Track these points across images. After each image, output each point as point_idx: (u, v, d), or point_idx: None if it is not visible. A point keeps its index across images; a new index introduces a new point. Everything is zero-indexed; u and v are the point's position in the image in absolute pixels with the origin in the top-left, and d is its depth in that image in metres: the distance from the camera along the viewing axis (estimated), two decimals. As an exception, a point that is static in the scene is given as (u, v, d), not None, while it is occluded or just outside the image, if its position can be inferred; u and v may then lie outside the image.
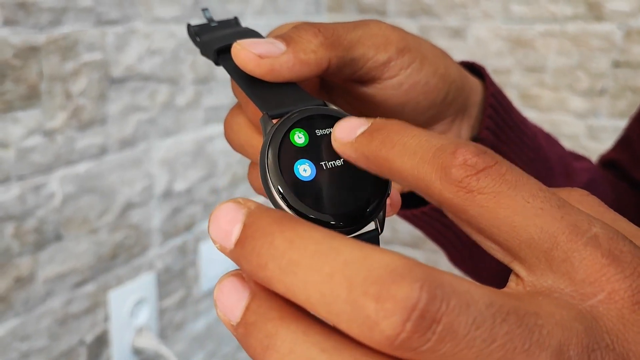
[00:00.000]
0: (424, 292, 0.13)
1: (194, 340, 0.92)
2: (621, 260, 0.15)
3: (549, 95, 0.99)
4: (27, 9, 0.59)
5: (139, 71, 0.73)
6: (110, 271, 0.74)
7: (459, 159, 0.16)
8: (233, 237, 0.16)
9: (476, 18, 1.01)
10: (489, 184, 0.16)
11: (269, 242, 0.15)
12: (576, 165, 0.41)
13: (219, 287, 0.16)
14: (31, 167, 0.62)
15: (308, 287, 0.14)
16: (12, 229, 0.61)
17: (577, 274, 0.15)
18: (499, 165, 0.16)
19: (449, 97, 0.30)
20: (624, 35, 0.92)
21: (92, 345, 0.73)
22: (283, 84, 0.24)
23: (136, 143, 0.74)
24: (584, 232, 0.15)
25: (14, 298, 0.62)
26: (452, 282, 0.14)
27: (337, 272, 0.14)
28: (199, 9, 0.81)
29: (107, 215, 0.72)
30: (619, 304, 0.14)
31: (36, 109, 0.61)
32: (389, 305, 0.13)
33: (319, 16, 1.11)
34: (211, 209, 0.90)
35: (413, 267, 0.13)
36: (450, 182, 0.16)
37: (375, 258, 0.14)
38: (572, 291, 0.15)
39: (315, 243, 0.14)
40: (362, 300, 0.13)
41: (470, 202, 0.16)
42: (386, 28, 0.28)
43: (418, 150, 0.17)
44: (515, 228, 0.15)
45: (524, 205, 0.15)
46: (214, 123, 0.87)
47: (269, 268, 0.15)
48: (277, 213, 0.16)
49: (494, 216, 0.16)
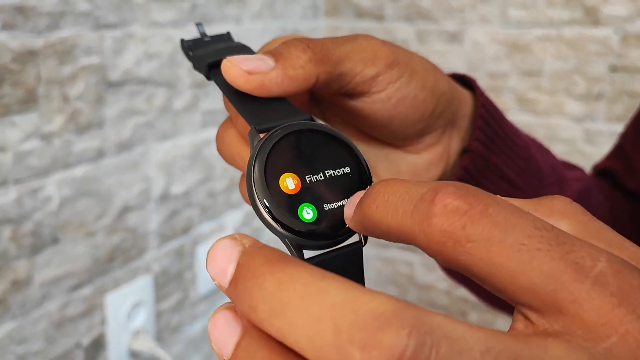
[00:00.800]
0: (412, 339, 0.13)
1: (191, 343, 0.92)
2: (632, 298, 0.14)
3: (546, 100, 1.00)
4: (25, 13, 0.59)
5: (137, 75, 0.73)
6: (107, 274, 0.74)
7: (438, 206, 0.15)
8: (228, 276, 0.16)
9: (473, 22, 1.02)
10: (477, 230, 0.14)
11: (259, 284, 0.15)
12: (568, 174, 0.42)
13: (213, 320, 0.16)
14: (28, 170, 0.62)
15: (296, 330, 0.14)
16: (9, 232, 0.61)
17: (588, 316, 0.14)
18: (483, 205, 0.15)
19: (437, 110, 0.30)
20: (620, 40, 0.93)
21: (89, 348, 0.73)
22: (272, 98, 0.25)
23: (133, 146, 0.75)
24: (588, 271, 0.14)
25: (10, 301, 0.62)
26: (444, 327, 0.13)
27: (325, 316, 0.13)
28: (196, 13, 0.81)
29: (104, 219, 0.72)
30: (633, 345, 0.14)
31: (34, 112, 0.61)
32: (375, 353, 0.13)
33: (316, 21, 1.11)
34: (208, 212, 0.90)
35: (401, 312, 0.13)
36: (434, 233, 0.15)
37: (363, 301, 0.13)
38: (584, 334, 0.14)
39: (303, 285, 0.14)
40: (348, 347, 0.13)
41: (460, 252, 0.15)
42: (375, 43, 0.28)
43: (399, 205, 0.16)
44: (513, 275, 0.14)
45: (519, 249, 0.14)
46: (211, 126, 0.87)
47: (259, 310, 0.15)
48: (269, 252, 0.16)
49: (488, 264, 0.15)
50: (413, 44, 1.06)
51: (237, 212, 0.97)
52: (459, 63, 1.04)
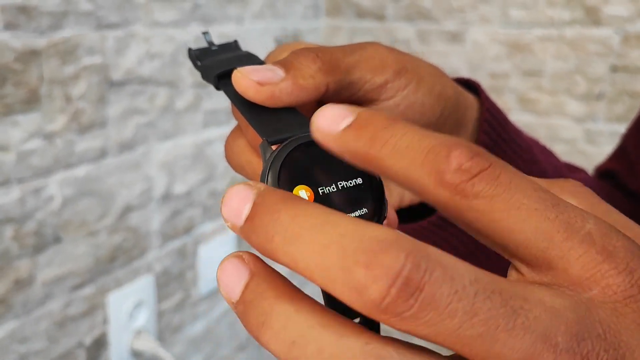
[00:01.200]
0: (409, 260, 0.14)
1: (192, 342, 0.92)
2: (615, 256, 0.15)
3: (547, 100, 1.00)
4: (28, 13, 0.59)
5: (139, 75, 0.73)
6: (109, 274, 0.74)
7: (453, 164, 0.16)
8: (243, 215, 0.17)
9: (474, 22, 1.02)
10: (484, 188, 0.16)
11: (275, 218, 0.16)
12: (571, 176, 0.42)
13: (222, 267, 0.17)
14: (31, 170, 0.62)
15: (307, 256, 0.15)
16: (11, 232, 0.61)
17: (573, 270, 0.15)
18: (492, 167, 0.16)
19: (444, 115, 0.30)
20: (621, 40, 0.93)
21: (91, 347, 0.73)
22: (282, 108, 0.25)
23: (135, 146, 0.75)
24: (578, 230, 0.16)
25: (13, 300, 0.63)
26: (439, 256, 0.14)
27: (333, 243, 0.15)
28: (197, 13, 0.81)
29: (106, 218, 0.72)
30: (612, 297, 0.15)
31: (36, 112, 0.61)
32: (376, 271, 0.14)
33: (317, 20, 1.11)
34: (210, 212, 0.91)
35: (401, 239, 0.14)
36: (445, 187, 0.16)
37: (368, 231, 0.15)
38: (569, 284, 0.16)
39: (315, 217, 0.16)
40: (354, 268, 0.14)
41: (466, 207, 0.16)
42: (383, 51, 0.28)
43: (409, 152, 0.17)
44: (511, 230, 0.16)
45: (518, 207, 0.16)
46: (213, 126, 0.88)
47: (275, 240, 0.16)
48: (283, 193, 0.17)
49: (490, 219, 0.16)
50: (414, 44, 1.07)
51: (238, 212, 0.97)
52: (459, 63, 1.04)
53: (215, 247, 0.92)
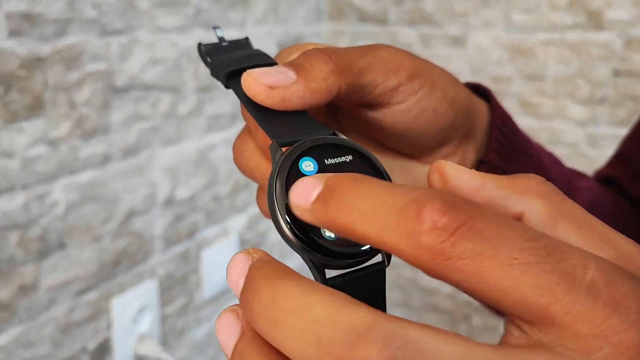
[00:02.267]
0: (382, 353, 0.13)
1: (196, 346, 0.92)
2: (624, 306, 0.14)
3: (549, 104, 1.00)
4: (33, 20, 0.59)
5: (142, 80, 0.74)
6: (112, 279, 0.74)
7: (427, 223, 0.14)
8: (239, 288, 0.17)
9: (477, 26, 1.02)
10: (467, 246, 0.14)
11: (257, 299, 0.16)
12: (579, 184, 0.42)
13: (218, 321, 0.18)
14: (35, 176, 0.62)
15: (287, 342, 0.15)
16: (16, 238, 0.61)
17: (581, 328, 0.14)
18: (472, 220, 0.14)
19: (456, 122, 0.30)
20: (623, 44, 0.93)
21: (95, 352, 0.73)
22: (293, 111, 0.24)
23: (139, 151, 0.75)
24: (580, 280, 0.14)
25: (17, 306, 0.63)
26: (419, 341, 0.13)
27: (308, 331, 0.14)
28: (200, 18, 0.81)
29: (109, 223, 0.73)
30: (626, 355, 0.13)
31: (41, 118, 0.62)
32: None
33: (319, 25, 1.11)
34: (213, 217, 0.91)
35: (375, 326, 0.13)
36: (423, 251, 0.14)
37: (343, 316, 0.14)
38: (577, 346, 0.14)
39: (293, 300, 0.15)
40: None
41: (450, 269, 0.14)
42: (397, 53, 0.27)
43: (377, 215, 0.15)
44: (505, 290, 0.14)
45: (510, 264, 0.14)
46: (216, 131, 0.88)
47: (259, 321, 0.16)
48: (269, 268, 0.17)
49: (480, 280, 0.14)
50: (417, 48, 1.07)
51: (241, 217, 0.97)
52: (462, 67, 1.04)
53: (218, 251, 0.92)
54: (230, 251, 0.95)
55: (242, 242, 0.98)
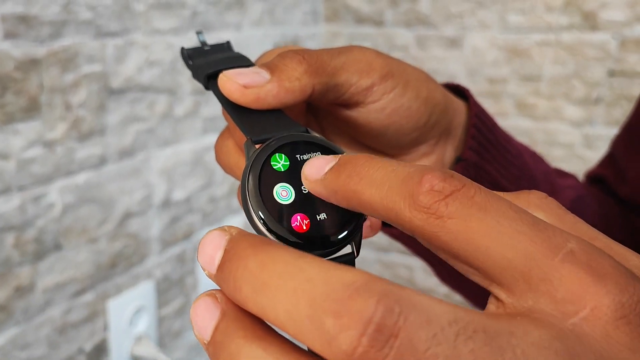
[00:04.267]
0: (380, 305, 0.13)
1: (193, 348, 0.92)
2: (602, 274, 0.14)
3: (545, 104, 1.00)
4: (28, 22, 0.60)
5: (138, 82, 0.74)
6: (109, 280, 0.74)
7: (426, 186, 0.16)
8: (216, 262, 0.17)
9: (473, 28, 1.02)
10: (458, 208, 0.15)
11: (243, 266, 0.16)
12: (561, 182, 0.42)
13: (194, 306, 0.17)
14: (31, 177, 0.62)
15: (276, 305, 0.15)
16: (12, 239, 0.61)
17: (558, 292, 0.14)
18: (466, 188, 0.16)
19: (431, 120, 0.30)
20: (618, 45, 0.93)
21: (91, 353, 0.73)
22: (268, 110, 0.25)
23: (135, 153, 0.75)
24: (559, 248, 0.15)
25: (13, 307, 0.63)
26: (413, 298, 0.14)
27: (300, 290, 0.14)
28: (196, 20, 0.82)
29: (106, 225, 0.73)
30: (603, 320, 0.14)
31: (36, 120, 0.62)
32: (345, 320, 0.13)
33: (316, 26, 1.12)
34: (209, 218, 0.91)
35: (371, 282, 0.14)
36: (419, 209, 0.16)
37: (336, 275, 0.14)
38: (553, 310, 0.14)
39: (283, 264, 0.15)
40: (322, 316, 0.14)
41: (441, 228, 0.15)
42: (370, 54, 0.28)
43: (385, 181, 0.17)
44: (489, 251, 0.15)
45: (495, 227, 0.15)
46: (212, 133, 0.88)
47: (243, 290, 0.15)
48: (253, 238, 0.16)
49: (467, 241, 0.15)
50: (413, 49, 1.07)
51: (238, 218, 0.97)
52: (458, 68, 1.04)
53: (215, 252, 0.93)
54: (227, 252, 0.95)
55: (239, 243, 0.98)
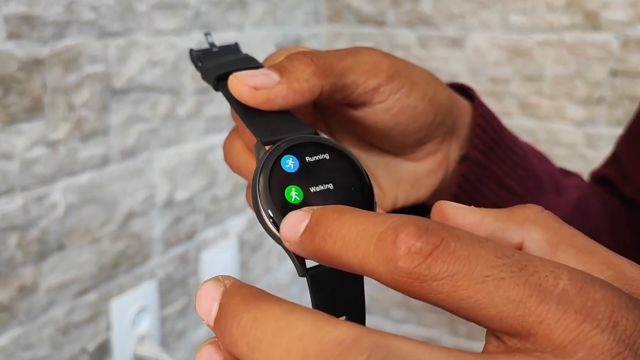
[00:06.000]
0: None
1: (196, 348, 0.92)
2: (595, 312, 0.15)
3: (547, 104, 1.00)
4: (31, 23, 0.60)
5: (141, 82, 0.74)
6: (112, 280, 0.75)
7: (402, 248, 0.15)
8: (212, 315, 0.17)
9: (474, 28, 1.02)
10: (441, 268, 0.15)
11: (237, 322, 0.16)
12: (566, 182, 0.42)
13: (198, 355, 0.17)
14: (34, 177, 0.63)
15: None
16: (15, 239, 0.62)
17: (555, 335, 0.15)
18: (445, 242, 0.15)
19: (437, 120, 0.31)
20: (621, 45, 0.93)
21: (94, 353, 0.73)
22: (278, 111, 0.26)
23: (138, 153, 0.75)
24: (552, 290, 0.15)
25: (17, 307, 0.63)
26: (403, 350, 0.14)
27: (293, 347, 0.14)
28: (199, 21, 0.82)
29: (109, 225, 0.73)
30: (600, 358, 0.14)
31: (39, 120, 0.62)
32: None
33: (318, 27, 1.12)
34: (212, 218, 0.91)
35: (360, 338, 0.14)
36: (400, 275, 0.15)
37: (327, 331, 0.14)
38: (553, 351, 0.15)
39: (275, 320, 0.15)
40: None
41: (428, 290, 0.15)
42: (376, 55, 0.29)
43: (359, 244, 0.16)
44: (481, 306, 0.15)
45: (483, 281, 0.15)
46: (214, 133, 0.88)
47: (239, 345, 0.16)
48: (246, 291, 0.17)
49: (457, 299, 0.15)
50: (414, 49, 1.07)
51: (240, 218, 0.97)
52: (460, 68, 1.04)
53: (217, 252, 0.93)
54: (229, 253, 0.95)
55: (241, 243, 0.98)
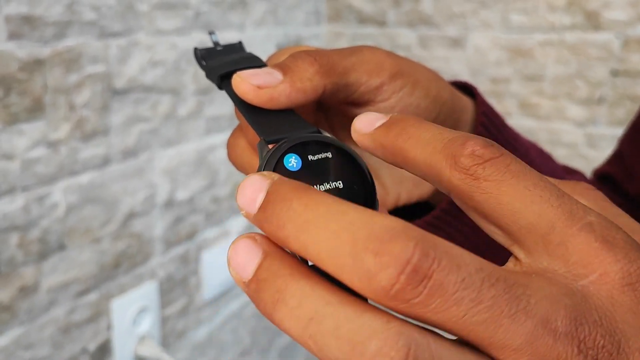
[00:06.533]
0: (417, 249, 0.14)
1: (196, 348, 0.92)
2: (614, 245, 0.16)
3: (548, 104, 1.00)
4: (32, 23, 0.60)
5: (142, 82, 0.74)
6: (112, 280, 0.75)
7: (468, 149, 0.17)
8: (257, 203, 0.17)
9: (475, 28, 1.02)
10: (494, 172, 0.17)
11: (287, 206, 0.17)
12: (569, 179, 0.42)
13: (234, 247, 0.18)
14: (35, 178, 0.63)
15: (319, 243, 0.16)
16: (16, 239, 0.62)
17: (571, 257, 0.16)
18: (504, 156, 0.17)
19: (439, 118, 0.31)
20: (621, 44, 0.93)
21: (95, 353, 0.74)
22: (281, 110, 0.26)
23: (138, 153, 0.75)
24: (579, 219, 0.16)
25: (18, 307, 0.63)
26: (446, 246, 0.15)
27: (343, 230, 0.15)
28: (199, 21, 0.82)
29: (109, 225, 0.73)
30: (609, 285, 0.15)
31: (40, 120, 0.62)
32: (385, 259, 0.14)
33: (318, 27, 1.12)
34: (213, 218, 0.91)
35: (409, 228, 0.15)
36: (459, 169, 0.17)
37: (377, 219, 0.15)
38: (565, 272, 0.16)
39: (326, 206, 0.16)
40: (363, 255, 0.15)
41: (476, 189, 0.17)
42: (379, 54, 0.29)
43: (431, 142, 0.18)
44: (515, 213, 0.17)
45: (524, 192, 0.17)
46: (215, 133, 0.88)
47: (286, 228, 0.16)
48: (296, 182, 0.17)
49: (497, 202, 0.17)
50: (415, 49, 1.07)
51: (241, 218, 0.97)
52: (461, 68, 1.04)
53: (218, 252, 0.93)
54: (230, 252, 0.95)
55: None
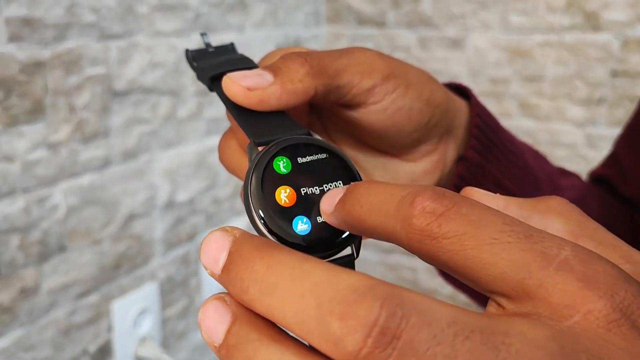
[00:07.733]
0: (384, 309, 0.14)
1: (196, 349, 0.92)
2: (595, 281, 0.15)
3: (548, 105, 1.00)
4: (32, 25, 0.60)
5: (141, 84, 0.74)
6: (113, 281, 0.75)
7: (418, 208, 0.16)
8: (220, 264, 0.17)
9: (475, 28, 1.02)
10: (452, 227, 0.16)
11: (250, 268, 0.16)
12: (564, 182, 0.42)
13: (203, 310, 0.17)
14: (36, 179, 0.63)
15: (283, 306, 0.15)
16: (17, 241, 0.62)
17: (553, 298, 0.15)
18: (457, 206, 0.16)
19: (433, 120, 0.31)
20: (621, 45, 0.93)
21: (96, 355, 0.74)
22: (272, 112, 0.25)
23: (139, 155, 0.75)
24: (553, 258, 0.15)
25: (18, 309, 0.63)
26: (414, 300, 0.14)
27: (308, 293, 0.15)
28: (199, 22, 0.82)
29: (110, 226, 0.73)
30: (595, 324, 0.15)
31: (41, 122, 0.62)
32: (351, 322, 0.14)
33: (318, 28, 1.12)
34: (213, 219, 0.91)
35: (375, 287, 0.14)
36: (414, 232, 0.16)
37: (342, 279, 0.15)
38: (550, 313, 0.15)
39: (289, 267, 0.16)
40: (329, 319, 0.14)
41: (437, 248, 0.16)
42: (371, 55, 0.28)
43: (382, 207, 0.17)
44: (486, 265, 0.16)
45: (490, 242, 0.16)
46: (215, 134, 0.88)
47: (250, 291, 0.16)
48: (258, 240, 0.17)
49: (464, 258, 0.16)
50: (415, 50, 1.07)
51: (241, 219, 0.97)
52: (460, 69, 1.04)
53: (218, 254, 0.93)
54: (230, 254, 0.95)
55: (242, 244, 0.98)
